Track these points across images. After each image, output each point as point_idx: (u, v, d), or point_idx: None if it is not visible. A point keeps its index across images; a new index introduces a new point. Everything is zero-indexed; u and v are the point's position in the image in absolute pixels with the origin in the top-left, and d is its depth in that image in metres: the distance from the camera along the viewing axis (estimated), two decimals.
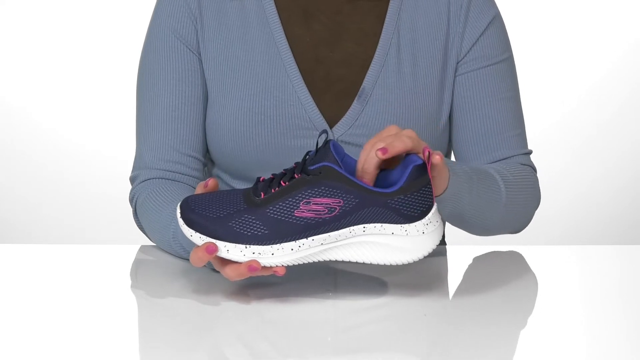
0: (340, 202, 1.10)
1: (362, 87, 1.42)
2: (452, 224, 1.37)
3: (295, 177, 1.11)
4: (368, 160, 1.13)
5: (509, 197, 1.36)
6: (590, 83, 3.45)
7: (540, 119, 3.29)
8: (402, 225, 1.12)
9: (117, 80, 3.27)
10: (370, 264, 1.14)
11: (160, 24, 1.45)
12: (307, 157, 1.14)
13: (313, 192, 1.10)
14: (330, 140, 1.13)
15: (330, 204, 1.10)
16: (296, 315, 1.11)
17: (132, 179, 1.45)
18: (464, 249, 1.43)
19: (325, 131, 1.15)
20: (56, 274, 1.31)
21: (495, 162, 1.45)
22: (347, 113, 1.42)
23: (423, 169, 1.12)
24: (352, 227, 1.12)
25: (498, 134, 1.46)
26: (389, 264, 1.14)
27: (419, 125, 1.42)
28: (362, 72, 1.43)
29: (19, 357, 0.99)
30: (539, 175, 1.49)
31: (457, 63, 1.46)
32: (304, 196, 1.10)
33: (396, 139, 1.13)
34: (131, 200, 1.45)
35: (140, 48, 1.48)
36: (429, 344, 1.06)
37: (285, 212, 1.11)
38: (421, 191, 1.12)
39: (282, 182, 1.11)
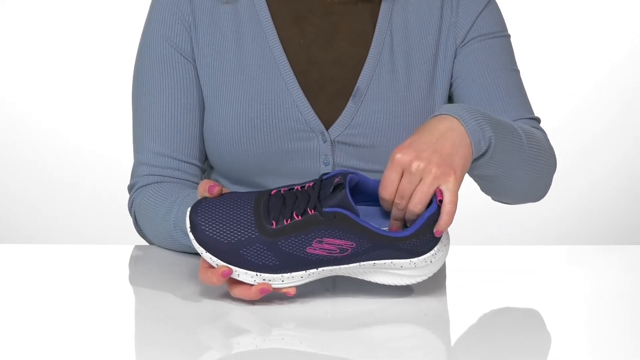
0: (353, 244, 1.11)
1: (356, 86, 1.42)
2: (483, 186, 1.35)
3: (308, 211, 1.11)
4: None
5: (531, 149, 1.31)
6: (591, 84, 3.45)
7: (541, 119, 3.28)
8: (411, 260, 1.13)
9: (117, 81, 3.26)
10: (377, 283, 1.15)
11: (154, 32, 1.44)
12: (322, 185, 1.12)
13: (326, 233, 1.10)
14: (347, 176, 1.12)
15: (342, 245, 1.11)
16: (295, 315, 1.11)
17: (130, 188, 1.46)
18: (464, 249, 1.43)
19: (341, 173, 1.12)
20: (55, 274, 1.31)
21: None
22: (343, 113, 1.41)
23: (437, 214, 1.11)
24: (362, 263, 1.13)
25: (499, 99, 1.44)
26: (394, 284, 1.15)
27: (412, 121, 1.42)
28: (355, 72, 1.43)
29: (19, 357, 0.99)
30: None
31: (456, 50, 1.45)
32: (316, 235, 1.10)
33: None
34: (130, 208, 1.45)
35: None
36: (429, 344, 1.06)
37: (297, 247, 1.11)
38: (432, 232, 1.12)
39: (294, 213, 1.11)
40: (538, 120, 1.48)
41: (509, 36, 1.49)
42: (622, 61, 3.45)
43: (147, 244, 1.46)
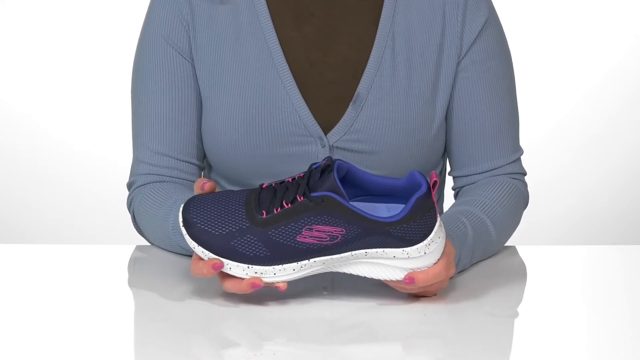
0: (342, 230, 1.10)
1: (357, 92, 1.40)
2: None
3: (297, 199, 1.11)
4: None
5: (498, 237, 1.36)
6: (591, 83, 3.45)
7: (541, 119, 3.29)
8: (404, 249, 1.12)
9: (116, 83, 3.26)
10: (372, 278, 1.14)
11: (152, 30, 1.44)
12: (311, 173, 1.12)
13: (315, 219, 1.10)
14: (335, 161, 1.12)
15: (332, 232, 1.10)
16: (292, 315, 1.11)
17: (129, 186, 1.46)
18: None
19: (329, 157, 1.13)
20: (55, 274, 1.31)
21: (486, 172, 1.44)
22: (342, 119, 1.40)
23: (427, 196, 1.11)
24: (354, 252, 1.12)
25: (494, 139, 1.44)
26: (389, 279, 1.14)
27: (412, 128, 1.40)
28: (356, 76, 1.41)
29: (19, 357, 0.99)
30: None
31: (458, 63, 1.44)
32: (306, 222, 1.10)
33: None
34: (129, 206, 1.45)
35: None
36: (428, 343, 1.06)
37: (287, 236, 1.11)
38: (424, 217, 1.12)
39: (284, 202, 1.11)
40: (521, 153, 1.48)
41: (507, 55, 1.47)
42: (622, 60, 3.45)
43: (147, 243, 1.46)
